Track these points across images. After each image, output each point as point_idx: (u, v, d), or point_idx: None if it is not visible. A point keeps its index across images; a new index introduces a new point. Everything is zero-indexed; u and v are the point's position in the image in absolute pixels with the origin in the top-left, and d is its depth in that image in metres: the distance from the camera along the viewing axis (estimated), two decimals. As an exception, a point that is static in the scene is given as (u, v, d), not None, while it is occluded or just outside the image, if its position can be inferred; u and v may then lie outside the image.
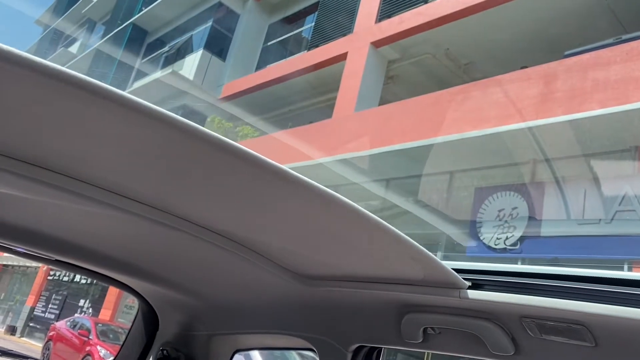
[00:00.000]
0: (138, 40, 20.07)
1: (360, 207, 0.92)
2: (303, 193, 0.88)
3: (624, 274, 0.92)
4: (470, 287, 1.06)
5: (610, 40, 7.61)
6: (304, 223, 1.03)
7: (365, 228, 0.96)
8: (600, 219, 6.89)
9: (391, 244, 1.01)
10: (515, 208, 7.75)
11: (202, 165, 0.85)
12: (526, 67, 8.23)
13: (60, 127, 0.80)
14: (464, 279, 1.07)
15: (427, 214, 8.87)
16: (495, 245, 7.72)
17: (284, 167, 0.82)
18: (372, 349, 1.36)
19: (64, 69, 0.66)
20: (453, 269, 1.07)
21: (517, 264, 7.17)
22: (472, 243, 8.09)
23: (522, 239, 7.51)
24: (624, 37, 7.62)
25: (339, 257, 1.16)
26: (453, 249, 8.68)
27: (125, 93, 0.69)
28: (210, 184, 0.93)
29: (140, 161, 0.89)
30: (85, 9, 26.27)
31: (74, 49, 27.47)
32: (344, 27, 12.72)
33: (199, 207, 1.08)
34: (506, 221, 7.76)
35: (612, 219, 6.80)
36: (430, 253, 1.02)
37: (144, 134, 0.78)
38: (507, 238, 7.63)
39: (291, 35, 15.82)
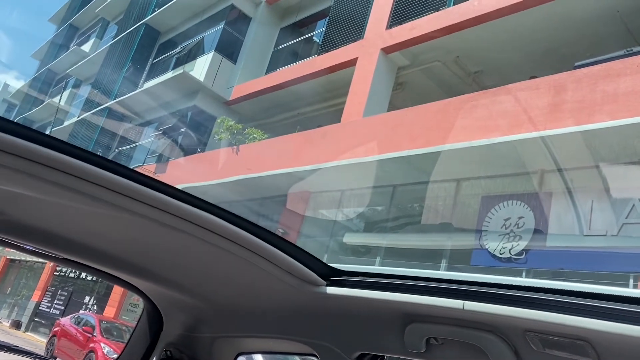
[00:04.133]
0: (150, 40, 20.18)
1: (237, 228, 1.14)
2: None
3: (629, 292, 0.92)
4: (328, 284, 1.30)
5: (621, 52, 7.57)
6: None
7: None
8: (606, 232, 6.83)
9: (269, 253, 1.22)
10: (521, 218, 7.71)
11: None
12: (535, 76, 8.20)
13: None
14: (333, 279, 1.30)
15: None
16: (501, 254, 7.67)
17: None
18: (375, 357, 1.36)
19: None
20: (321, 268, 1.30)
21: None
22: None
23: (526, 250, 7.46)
24: (635, 49, 7.58)
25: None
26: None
27: None
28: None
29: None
30: (99, 8, 26.48)
31: (86, 47, 27.71)
32: (355, 32, 12.73)
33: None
34: (512, 231, 7.72)
35: (618, 232, 6.74)
36: (290, 258, 1.25)
37: None
38: (512, 247, 7.58)
39: (302, 40, 15.86)
